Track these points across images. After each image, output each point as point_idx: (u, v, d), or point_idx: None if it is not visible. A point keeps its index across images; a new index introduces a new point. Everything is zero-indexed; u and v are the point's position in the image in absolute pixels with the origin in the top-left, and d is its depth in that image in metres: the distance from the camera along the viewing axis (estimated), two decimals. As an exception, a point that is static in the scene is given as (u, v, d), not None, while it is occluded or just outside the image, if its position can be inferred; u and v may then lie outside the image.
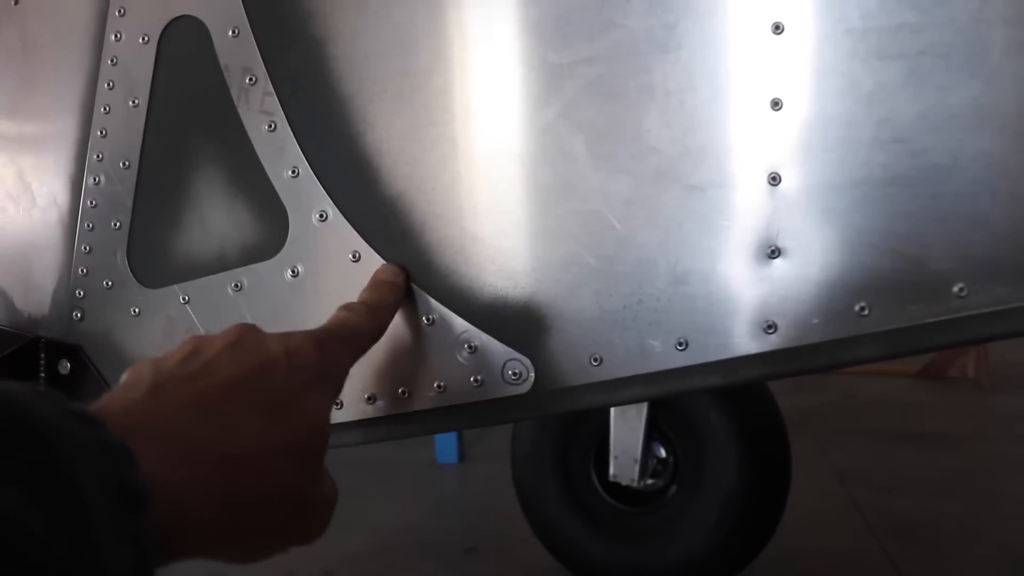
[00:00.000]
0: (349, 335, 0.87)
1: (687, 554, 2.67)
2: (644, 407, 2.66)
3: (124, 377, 0.68)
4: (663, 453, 2.80)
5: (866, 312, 0.88)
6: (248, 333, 0.73)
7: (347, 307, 0.92)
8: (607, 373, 0.95)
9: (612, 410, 2.65)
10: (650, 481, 2.76)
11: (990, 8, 0.82)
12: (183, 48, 1.17)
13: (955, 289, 0.85)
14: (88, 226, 1.25)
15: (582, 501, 2.80)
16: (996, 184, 0.84)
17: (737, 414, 2.68)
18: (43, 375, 1.27)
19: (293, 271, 1.09)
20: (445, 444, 4.10)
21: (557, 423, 2.86)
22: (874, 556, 2.79)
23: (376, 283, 1.00)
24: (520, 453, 2.89)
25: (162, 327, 1.20)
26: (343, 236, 1.06)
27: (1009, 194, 0.83)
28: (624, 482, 2.67)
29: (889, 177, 0.87)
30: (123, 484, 0.48)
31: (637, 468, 2.65)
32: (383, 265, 1.03)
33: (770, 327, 0.90)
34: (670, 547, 2.69)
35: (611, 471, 2.67)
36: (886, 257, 0.87)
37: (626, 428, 2.64)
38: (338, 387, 0.82)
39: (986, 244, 0.84)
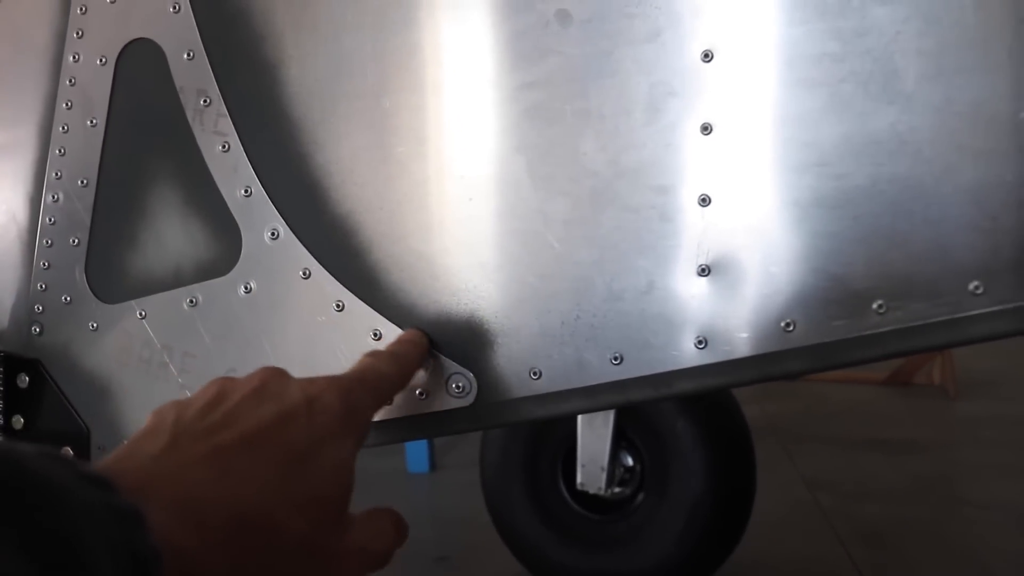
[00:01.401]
0: (373, 381, 0.85)
1: (654, 561, 2.70)
2: (611, 416, 2.69)
3: (147, 422, 0.67)
4: (630, 462, 2.83)
5: (791, 328, 0.91)
6: (272, 380, 0.72)
7: (373, 354, 0.91)
8: (546, 386, 0.98)
9: (579, 419, 2.68)
10: (617, 489, 2.79)
11: (904, 40, 0.86)
12: (140, 70, 1.20)
13: (875, 306, 0.89)
14: (47, 243, 1.27)
15: (550, 509, 2.83)
16: (912, 206, 0.88)
17: (703, 422, 2.72)
18: (2, 389, 1.29)
19: (246, 287, 1.12)
20: (416, 453, 4.11)
21: (526, 432, 2.89)
22: (840, 562, 2.82)
23: (399, 340, 1.00)
24: (489, 462, 2.91)
25: (120, 341, 1.22)
26: (294, 254, 1.09)
27: (923, 216, 0.87)
28: (592, 490, 2.70)
29: (814, 199, 0.91)
30: (133, 550, 0.47)
31: (604, 476, 2.68)
32: (408, 329, 1.03)
33: (701, 342, 0.94)
34: (637, 554, 2.72)
35: (578, 479, 2.70)
36: (811, 275, 0.91)
37: (593, 437, 2.67)
38: (363, 435, 0.80)
39: (903, 263, 0.88)
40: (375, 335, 1.04)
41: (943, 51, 0.86)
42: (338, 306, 1.06)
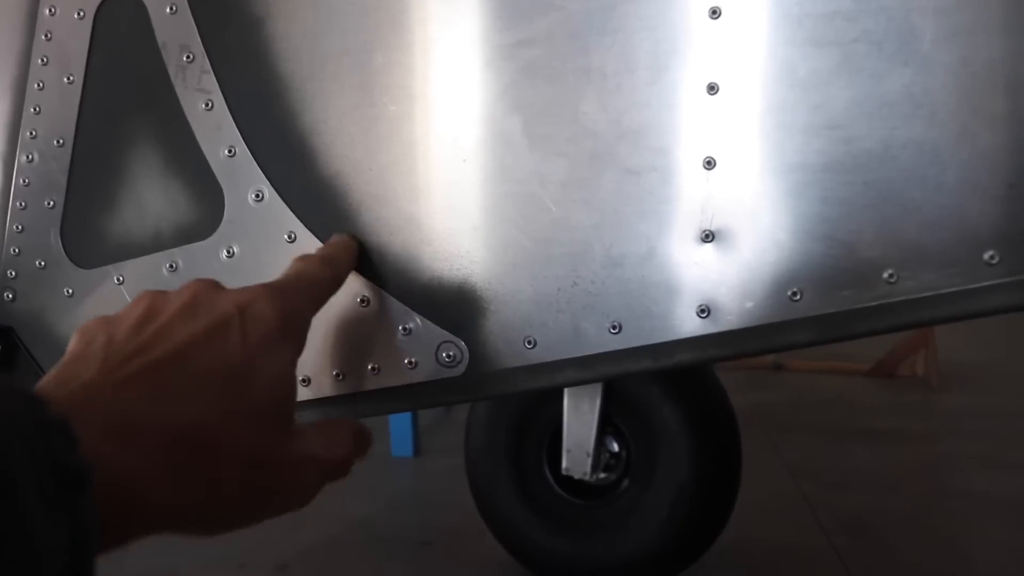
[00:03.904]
0: (307, 284, 0.84)
1: (639, 547, 2.68)
2: (597, 401, 2.66)
3: (73, 342, 0.65)
4: (616, 447, 2.80)
5: (798, 297, 0.88)
6: (203, 292, 0.70)
7: (303, 258, 0.89)
8: (541, 356, 0.94)
9: (565, 403, 2.66)
10: (603, 475, 2.77)
11: (921, -4, 0.83)
12: (120, 24, 1.14)
13: (885, 275, 0.86)
14: (20, 205, 1.22)
15: (535, 495, 2.80)
16: (925, 172, 0.84)
17: (690, 409, 2.70)
18: (-28, 357, 1.24)
19: (228, 251, 1.07)
20: (400, 437, 4.07)
21: (510, 416, 2.86)
22: (823, 550, 2.82)
23: (329, 243, 0.99)
24: (473, 446, 2.88)
25: (96, 308, 1.17)
26: (279, 216, 1.04)
27: (937, 182, 0.84)
28: (577, 476, 2.67)
29: (823, 163, 0.87)
30: (60, 463, 0.45)
31: (590, 462, 2.65)
32: (335, 234, 1.01)
33: (704, 311, 0.90)
34: (622, 540, 2.70)
35: (564, 464, 2.67)
36: (819, 243, 0.88)
37: (579, 422, 2.64)
38: (301, 339, 0.78)
39: (915, 231, 0.85)
40: (362, 301, 1.00)
41: (960, 8, 0.83)
42: (324, 271, 1.01)
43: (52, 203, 1.20)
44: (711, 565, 2.64)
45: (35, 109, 1.20)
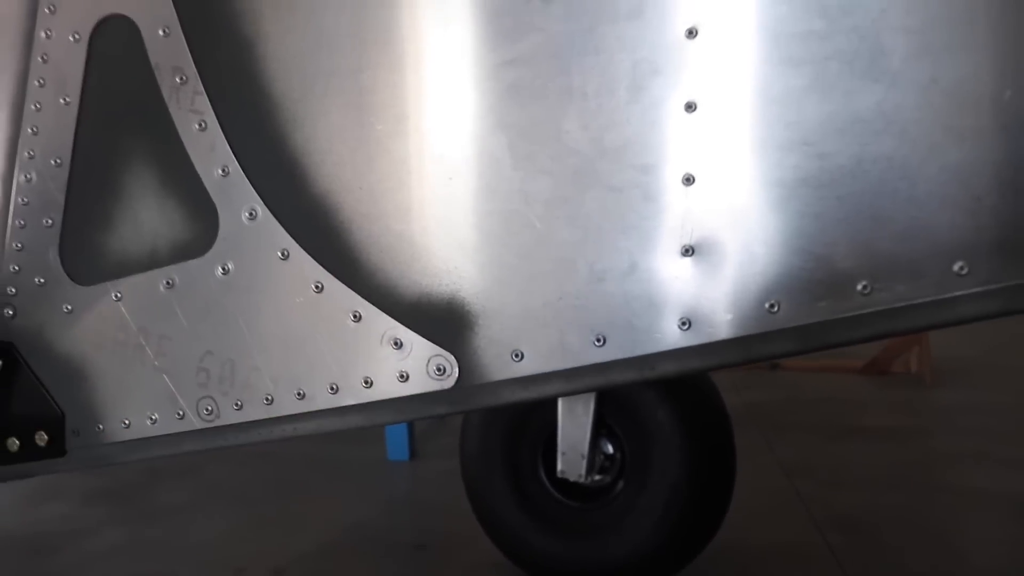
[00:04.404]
0: None
1: (634, 548, 2.70)
2: (592, 404, 2.68)
3: None
4: (610, 449, 2.82)
5: (776, 309, 0.91)
6: None
7: None
8: (528, 368, 0.97)
9: (560, 407, 2.67)
10: (597, 477, 2.78)
11: (891, 17, 0.86)
12: (114, 47, 1.17)
13: (859, 287, 0.89)
14: (20, 223, 1.25)
15: (530, 497, 2.82)
16: (896, 186, 0.87)
17: (684, 411, 2.71)
18: (-27, 373, 1.26)
19: (223, 268, 1.10)
20: (396, 441, 4.09)
21: (506, 421, 2.88)
22: (817, 548, 2.84)
23: None
24: (469, 450, 2.90)
25: (94, 325, 1.20)
26: (272, 234, 1.07)
27: (908, 195, 0.87)
28: (572, 478, 2.68)
29: (798, 178, 0.90)
30: None
31: (584, 464, 2.66)
32: None
33: (684, 323, 0.93)
34: (617, 542, 2.71)
35: (559, 467, 2.69)
36: (795, 256, 0.90)
37: (574, 424, 2.65)
38: None
39: (887, 243, 0.88)
40: (355, 316, 1.03)
41: (929, 28, 0.86)
42: (317, 287, 1.04)
43: (50, 221, 1.23)
44: (707, 563, 2.66)
45: (32, 130, 1.23)
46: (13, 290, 1.26)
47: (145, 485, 3.56)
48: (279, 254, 1.06)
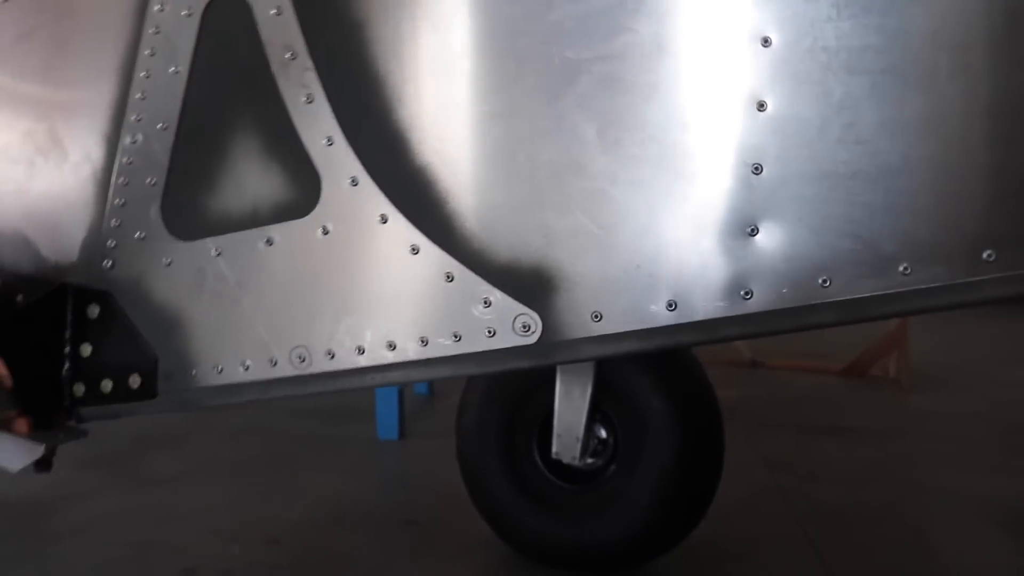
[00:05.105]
0: None
1: (622, 531, 2.78)
2: (589, 388, 2.75)
3: None
4: (604, 434, 2.89)
5: (827, 284, 1.05)
6: None
7: None
8: (606, 328, 1.10)
9: (557, 389, 2.74)
10: (590, 460, 2.85)
11: (940, 37, 1.00)
12: (225, 22, 1.28)
13: (900, 268, 1.03)
14: (123, 181, 1.35)
15: (523, 477, 2.88)
16: (937, 183, 1.01)
17: (677, 400, 2.80)
18: (70, 318, 1.37)
19: (324, 229, 1.22)
20: (386, 421, 4.15)
21: (503, 401, 2.94)
22: (797, 539, 2.94)
23: None
24: (465, 427, 2.94)
25: (192, 277, 1.31)
26: (373, 200, 1.19)
27: (947, 192, 1.01)
28: (566, 460, 2.74)
29: (851, 172, 1.04)
30: None
31: (579, 447, 2.73)
32: None
33: (747, 293, 1.06)
34: (607, 523, 2.79)
35: (554, 449, 2.75)
36: (846, 239, 1.04)
37: (570, 408, 2.70)
38: None
39: (927, 232, 1.02)
40: (448, 277, 1.15)
41: (971, 49, 1.00)
42: (413, 249, 1.16)
43: (154, 181, 1.34)
44: (690, 552, 2.76)
45: (141, 95, 1.34)
46: (113, 243, 1.37)
47: (135, 454, 3.60)
48: (378, 218, 1.18)
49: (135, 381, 1.34)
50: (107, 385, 1.37)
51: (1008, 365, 5.69)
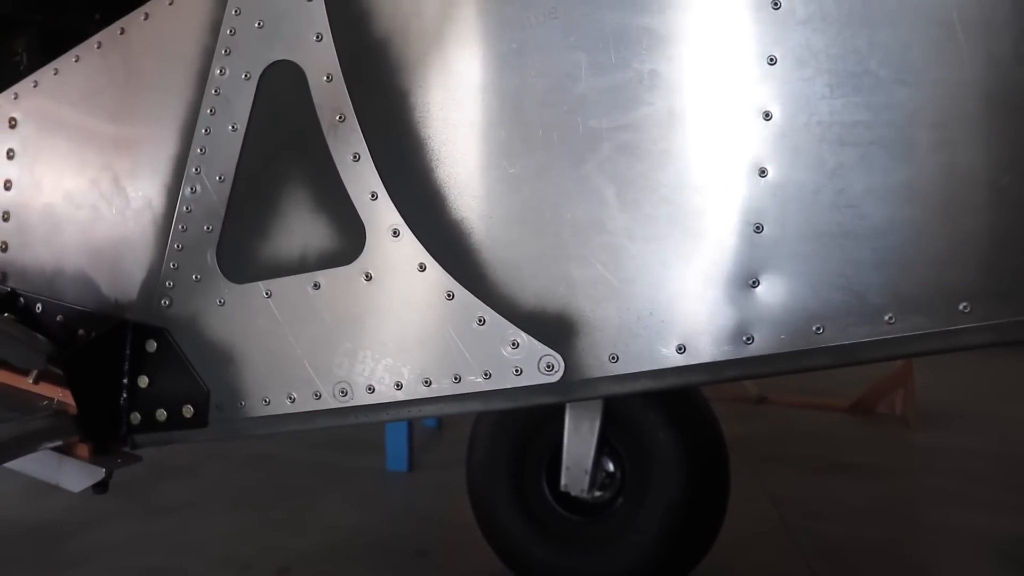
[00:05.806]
0: None
1: (629, 563, 2.84)
2: (597, 422, 2.82)
3: None
4: (611, 467, 2.97)
5: (821, 331, 1.17)
6: None
7: None
8: (622, 368, 1.23)
9: (566, 423, 2.83)
10: (598, 493, 2.93)
11: (922, 115, 1.13)
12: (281, 87, 1.42)
13: (886, 317, 1.15)
14: (182, 228, 1.49)
15: (532, 509, 2.94)
16: (919, 243, 1.14)
17: (684, 435, 2.87)
18: (129, 352, 1.50)
19: (367, 276, 1.35)
20: (395, 452, 4.21)
21: (513, 435, 3.01)
22: (802, 574, 3.01)
23: None
24: (476, 461, 3.01)
25: (244, 316, 1.44)
26: (412, 250, 1.32)
27: (927, 250, 1.14)
28: (574, 492, 2.80)
29: (843, 232, 1.17)
30: None
31: (587, 479, 2.81)
32: None
33: (749, 339, 1.19)
34: (614, 555, 2.86)
35: (562, 481, 2.82)
36: (837, 291, 1.17)
37: (579, 441, 2.77)
38: None
39: (910, 286, 1.14)
40: (480, 321, 1.28)
41: (950, 125, 1.13)
42: (448, 295, 1.29)
43: (211, 228, 1.47)
44: None
45: (201, 150, 1.48)
46: (171, 283, 1.50)
47: (149, 481, 3.69)
48: (417, 266, 1.31)
49: (188, 411, 1.47)
50: (162, 414, 1.50)
51: (1013, 403, 5.75)
